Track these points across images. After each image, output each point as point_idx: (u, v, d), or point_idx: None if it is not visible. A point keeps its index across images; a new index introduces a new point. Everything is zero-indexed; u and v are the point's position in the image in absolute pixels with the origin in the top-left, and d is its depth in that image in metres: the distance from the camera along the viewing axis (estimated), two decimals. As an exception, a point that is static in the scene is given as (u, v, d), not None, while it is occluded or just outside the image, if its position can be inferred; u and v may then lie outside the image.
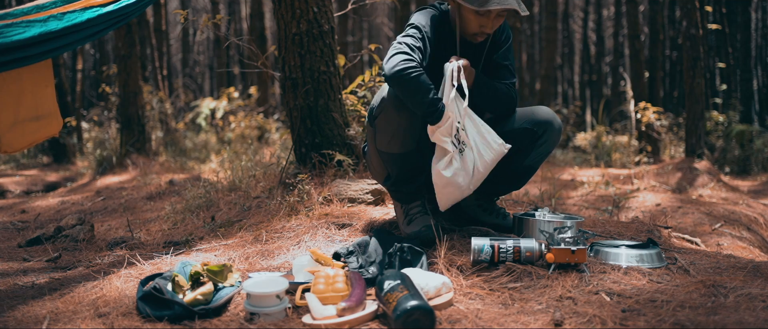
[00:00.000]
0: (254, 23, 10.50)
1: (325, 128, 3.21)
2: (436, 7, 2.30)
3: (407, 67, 2.01)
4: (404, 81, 2.01)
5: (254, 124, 9.15)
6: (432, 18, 2.23)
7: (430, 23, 2.21)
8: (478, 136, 2.14)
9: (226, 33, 13.30)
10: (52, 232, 2.87)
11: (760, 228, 4.14)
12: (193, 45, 20.27)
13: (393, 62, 2.03)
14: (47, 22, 2.26)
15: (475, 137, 2.14)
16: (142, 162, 6.22)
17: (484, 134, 2.14)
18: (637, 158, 7.57)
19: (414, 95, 2.04)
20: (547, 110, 2.29)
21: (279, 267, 2.13)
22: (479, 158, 2.13)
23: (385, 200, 2.90)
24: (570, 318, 1.52)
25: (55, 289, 1.96)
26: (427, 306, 1.47)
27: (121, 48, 6.57)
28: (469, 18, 2.16)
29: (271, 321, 1.59)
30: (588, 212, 4.45)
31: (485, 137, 2.14)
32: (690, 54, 6.27)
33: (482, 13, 2.11)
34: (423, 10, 2.28)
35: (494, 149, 2.14)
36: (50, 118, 2.66)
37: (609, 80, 20.20)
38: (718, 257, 2.14)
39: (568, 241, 1.88)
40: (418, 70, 2.02)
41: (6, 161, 8.38)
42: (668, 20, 14.86)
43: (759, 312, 1.49)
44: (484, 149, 2.14)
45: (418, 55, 2.08)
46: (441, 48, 2.24)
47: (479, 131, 2.14)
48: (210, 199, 3.43)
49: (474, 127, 2.15)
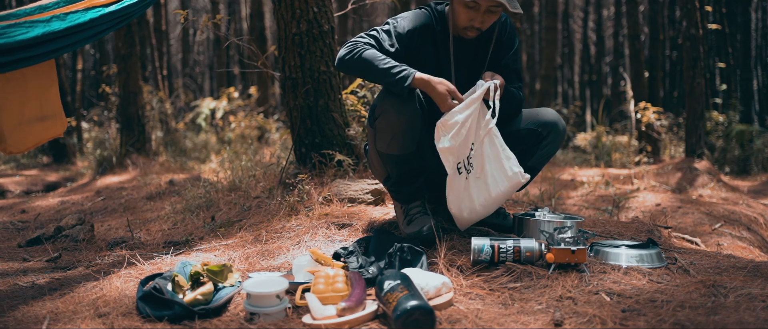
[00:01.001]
0: (254, 23, 10.49)
1: (325, 128, 3.21)
2: (431, 7, 2.31)
3: (348, 52, 2.11)
4: (348, 64, 2.11)
5: (254, 124, 9.15)
6: (417, 16, 2.26)
7: (410, 20, 2.23)
8: (495, 161, 2.07)
9: (226, 33, 13.30)
10: (52, 232, 2.87)
11: (760, 228, 4.13)
12: (193, 45, 20.27)
13: (339, 54, 2.16)
14: (50, 22, 2.26)
15: (492, 162, 2.07)
16: (142, 162, 6.22)
17: (502, 159, 2.07)
18: (637, 158, 7.57)
19: (365, 71, 2.10)
20: (551, 112, 2.29)
21: (279, 267, 2.13)
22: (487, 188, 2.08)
23: (385, 200, 2.91)
24: (570, 318, 1.52)
25: (55, 289, 1.96)
26: (427, 306, 1.47)
27: (121, 48, 6.57)
28: (459, 10, 2.16)
29: (271, 321, 1.59)
30: (588, 212, 4.45)
31: (503, 163, 2.07)
32: (690, 54, 6.27)
33: (471, 5, 2.11)
34: (418, 10, 2.31)
35: (509, 177, 2.06)
36: (55, 118, 2.67)
37: (609, 80, 20.19)
38: (718, 257, 2.14)
39: (568, 241, 1.88)
40: (360, 48, 2.10)
41: (6, 161, 8.38)
42: (668, 20, 14.86)
43: (759, 312, 1.49)
44: (499, 177, 2.07)
45: (369, 40, 2.15)
46: (429, 44, 2.25)
47: (498, 155, 2.07)
48: (210, 199, 3.43)
49: (493, 149, 2.07)
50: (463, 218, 2.13)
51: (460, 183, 2.07)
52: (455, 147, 2.01)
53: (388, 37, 2.18)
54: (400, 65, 2.06)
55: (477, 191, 2.09)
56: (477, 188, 2.09)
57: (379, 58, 2.07)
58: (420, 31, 2.23)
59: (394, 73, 2.04)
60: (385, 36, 2.18)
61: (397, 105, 2.10)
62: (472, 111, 2.02)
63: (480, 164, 2.08)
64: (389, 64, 2.06)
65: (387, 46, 2.16)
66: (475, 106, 2.03)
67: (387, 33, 2.19)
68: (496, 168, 2.08)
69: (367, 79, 2.21)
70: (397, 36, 2.19)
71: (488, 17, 2.15)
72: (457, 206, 2.10)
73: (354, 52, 2.10)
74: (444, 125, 2.02)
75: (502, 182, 2.08)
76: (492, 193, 2.09)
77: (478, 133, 2.07)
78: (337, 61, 2.16)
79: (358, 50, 2.10)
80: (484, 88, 2.05)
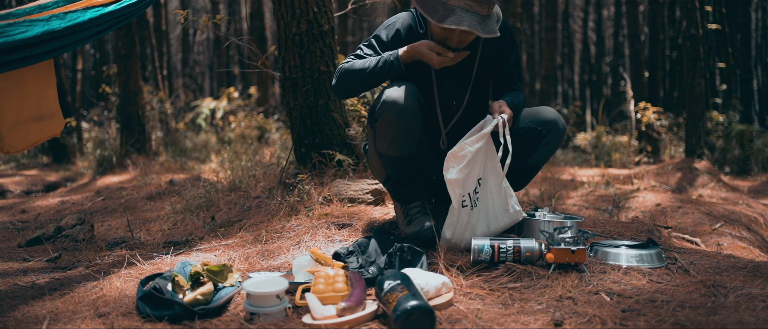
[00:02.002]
0: (254, 23, 10.49)
1: (325, 128, 3.21)
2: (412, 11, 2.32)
3: (336, 79, 2.21)
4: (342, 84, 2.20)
5: (254, 124, 9.15)
6: (401, 18, 2.29)
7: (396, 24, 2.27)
8: (498, 198, 2.15)
9: (226, 33, 13.30)
10: (52, 232, 2.87)
11: (760, 228, 4.13)
12: (193, 45, 20.27)
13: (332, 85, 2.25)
14: (50, 21, 2.26)
15: (495, 199, 2.14)
16: (142, 162, 6.22)
17: (505, 197, 2.15)
18: (637, 158, 7.57)
19: (358, 79, 2.16)
20: (551, 111, 2.30)
21: (279, 267, 2.13)
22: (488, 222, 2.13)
23: (385, 200, 2.91)
24: (570, 318, 1.52)
25: (55, 289, 1.96)
26: (427, 306, 1.47)
27: (121, 48, 6.56)
28: (433, 28, 2.16)
29: (271, 321, 1.59)
30: (588, 212, 4.44)
31: (506, 200, 2.15)
32: (690, 54, 6.27)
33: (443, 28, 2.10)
34: (403, 12, 2.32)
35: (510, 214, 2.17)
36: (52, 118, 2.67)
37: (609, 80, 20.19)
38: (718, 257, 2.14)
39: (568, 241, 1.88)
40: (342, 69, 2.18)
41: (6, 161, 8.38)
42: (668, 20, 14.85)
43: (759, 312, 1.49)
44: (501, 214, 2.16)
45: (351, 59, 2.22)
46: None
47: (501, 192, 2.15)
48: (210, 199, 3.43)
49: (498, 186, 2.14)
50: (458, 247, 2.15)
51: (463, 216, 2.09)
52: (462, 180, 2.05)
53: (370, 50, 2.24)
54: (380, 56, 2.14)
55: (479, 225, 2.13)
56: (479, 221, 2.13)
57: (361, 63, 2.15)
58: (405, 33, 2.26)
59: (381, 64, 2.12)
60: (368, 50, 2.24)
61: (397, 107, 2.10)
62: (481, 145, 2.07)
63: (485, 200, 2.13)
64: (373, 61, 2.14)
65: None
66: (485, 141, 2.08)
67: (369, 46, 2.25)
68: (499, 205, 2.16)
69: (366, 86, 2.22)
70: (380, 45, 2.24)
71: (464, 37, 2.12)
72: (459, 237, 2.12)
73: (339, 76, 2.19)
74: (454, 156, 2.05)
75: (502, 219, 2.17)
76: (491, 227, 2.16)
77: (485, 169, 2.11)
78: (334, 90, 2.25)
79: (341, 72, 2.19)
80: (493, 123, 2.09)
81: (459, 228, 2.10)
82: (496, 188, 2.15)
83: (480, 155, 2.08)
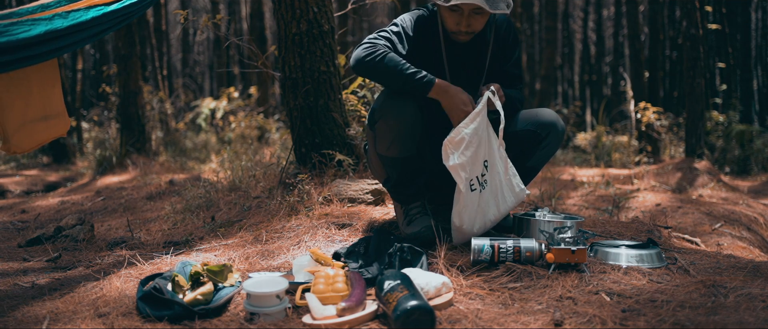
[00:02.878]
0: (254, 23, 10.50)
1: (325, 128, 3.21)
2: (428, 8, 2.32)
3: (369, 53, 2.05)
4: (370, 66, 2.06)
5: (254, 124, 9.15)
6: (418, 18, 2.26)
7: (413, 21, 2.23)
8: (504, 178, 2.15)
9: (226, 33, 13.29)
10: (52, 232, 2.87)
11: (760, 228, 4.13)
12: (193, 45, 20.27)
13: (356, 54, 2.08)
14: (52, 20, 2.27)
15: (501, 177, 2.14)
16: (142, 162, 6.22)
17: (511, 176, 2.16)
18: (637, 158, 7.57)
19: (387, 75, 2.06)
20: (550, 113, 2.29)
21: (279, 267, 2.13)
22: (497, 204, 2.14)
23: (385, 200, 2.91)
24: (570, 318, 1.52)
25: (55, 289, 1.96)
26: (427, 306, 1.47)
27: (121, 48, 6.57)
28: (445, 15, 2.16)
29: (271, 321, 1.59)
30: (588, 212, 4.45)
31: (511, 179, 2.16)
32: (690, 54, 6.27)
33: (454, 9, 2.11)
34: (412, 11, 2.31)
35: (516, 193, 2.18)
36: (58, 118, 2.66)
37: (609, 80, 20.19)
38: (718, 257, 2.14)
39: (568, 241, 1.88)
40: (382, 52, 2.05)
41: (6, 161, 8.38)
42: (668, 20, 14.84)
43: (759, 312, 1.49)
44: (508, 194, 2.16)
45: (386, 43, 2.11)
46: (427, 47, 2.26)
47: (507, 172, 2.15)
48: (210, 199, 3.43)
49: (503, 165, 2.14)
50: (471, 233, 2.12)
51: (473, 200, 2.07)
52: (466, 163, 2.02)
53: (399, 40, 2.17)
54: (421, 71, 2.06)
55: (489, 207, 2.13)
56: (489, 203, 2.13)
57: (400, 62, 2.05)
58: (423, 32, 2.24)
59: (418, 79, 2.04)
60: (396, 38, 2.16)
61: (397, 108, 2.10)
62: (477, 125, 2.04)
63: (493, 182, 2.13)
64: (411, 69, 2.05)
65: (400, 49, 2.15)
66: (479, 119, 2.05)
67: (398, 35, 2.17)
68: (506, 185, 2.16)
69: (383, 82, 2.15)
70: (407, 38, 2.19)
71: (474, 20, 2.13)
72: (469, 223, 2.09)
73: (375, 55, 2.05)
74: (451, 142, 2.02)
75: (510, 199, 2.18)
76: (501, 209, 2.16)
77: (490, 151, 2.10)
78: (356, 62, 2.07)
79: (379, 53, 2.05)
80: (485, 99, 2.07)
81: (469, 213, 2.07)
82: (502, 170, 2.15)
83: (482, 137, 2.05)
